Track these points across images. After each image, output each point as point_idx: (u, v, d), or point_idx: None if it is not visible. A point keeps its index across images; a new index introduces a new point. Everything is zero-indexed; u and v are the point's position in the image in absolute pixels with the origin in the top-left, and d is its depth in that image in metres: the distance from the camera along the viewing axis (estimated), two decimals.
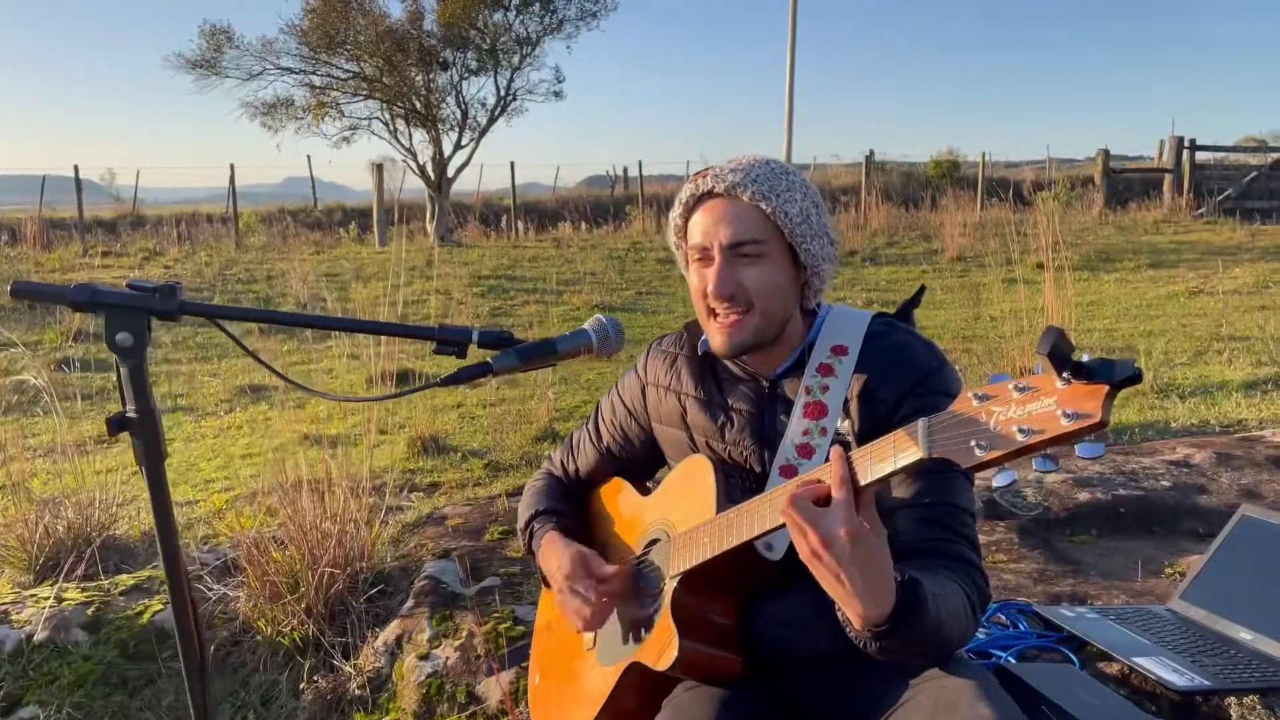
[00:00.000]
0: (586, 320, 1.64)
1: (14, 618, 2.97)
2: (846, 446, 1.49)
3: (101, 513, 3.82)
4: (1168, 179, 18.37)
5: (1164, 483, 3.54)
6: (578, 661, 1.82)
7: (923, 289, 1.82)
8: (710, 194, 1.60)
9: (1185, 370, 6.39)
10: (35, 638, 2.89)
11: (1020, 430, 1.10)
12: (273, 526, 3.35)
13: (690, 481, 1.67)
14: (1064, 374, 1.07)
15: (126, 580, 3.28)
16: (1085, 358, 1.07)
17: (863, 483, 1.27)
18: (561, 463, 2.02)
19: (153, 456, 1.54)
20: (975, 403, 1.17)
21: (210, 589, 3.12)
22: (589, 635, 1.80)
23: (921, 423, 1.22)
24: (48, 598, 3.08)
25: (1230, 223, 15.64)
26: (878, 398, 1.56)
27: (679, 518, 1.68)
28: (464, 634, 2.71)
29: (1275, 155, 18.66)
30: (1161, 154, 21.50)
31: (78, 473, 5.14)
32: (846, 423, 1.55)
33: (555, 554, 1.79)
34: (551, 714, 1.86)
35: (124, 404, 1.51)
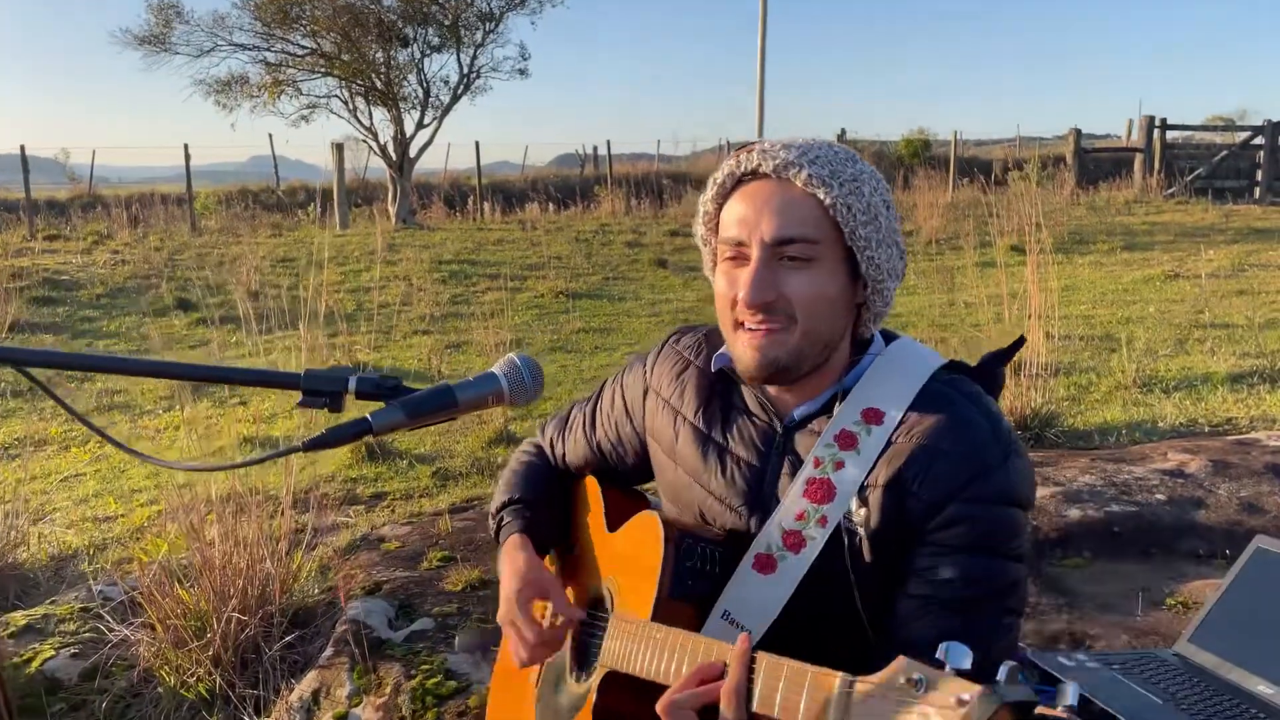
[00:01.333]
0: (497, 362, 1.31)
1: None
2: (855, 542, 1.20)
3: (1, 535, 3.46)
4: (1138, 158, 18.25)
5: (1159, 496, 3.29)
6: (522, 687, 1.56)
7: (1022, 340, 1.42)
8: (754, 174, 1.24)
9: (1168, 361, 6.18)
10: None
11: None
12: (184, 556, 3.01)
13: (639, 550, 1.34)
14: None
15: (19, 619, 2.94)
16: (1069, 699, 0.78)
17: (756, 709, 1.00)
18: (551, 441, 1.68)
19: None
20: (912, 689, 0.85)
21: (110, 630, 2.78)
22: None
23: (839, 680, 0.92)
24: None
25: (1202, 202, 15.54)
26: (910, 493, 1.19)
27: (623, 588, 1.39)
28: (388, 689, 2.40)
29: (1244, 134, 18.57)
30: (1130, 133, 21.44)
31: (2, 481, 4.78)
32: (863, 511, 1.20)
33: (510, 567, 1.49)
34: None
35: None
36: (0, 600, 3.20)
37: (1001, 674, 0.79)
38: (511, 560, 1.49)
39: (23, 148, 18.34)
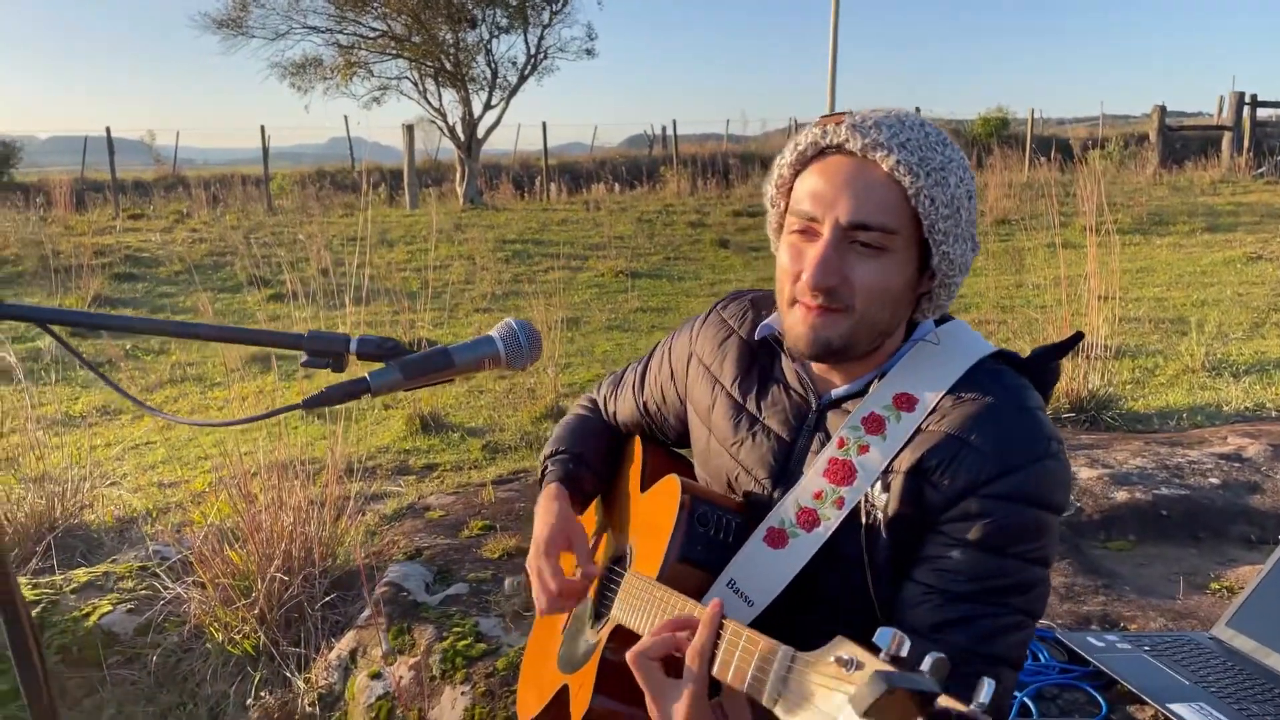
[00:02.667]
0: (495, 325, 1.35)
1: None
2: (874, 526, 1.19)
3: (68, 499, 3.63)
4: (1226, 137, 17.52)
5: (1212, 480, 3.19)
6: (551, 640, 1.61)
7: (1079, 336, 1.36)
8: (839, 149, 1.17)
9: (1240, 345, 5.95)
10: None
11: None
12: (234, 520, 3.13)
13: (659, 512, 1.36)
14: (926, 714, 0.76)
15: (81, 576, 3.08)
16: (982, 696, 0.75)
17: (716, 673, 1.01)
18: (605, 398, 1.71)
19: None
20: (842, 669, 0.85)
21: (165, 588, 2.91)
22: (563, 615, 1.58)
23: (781, 652, 0.93)
24: None
25: None
26: (932, 481, 1.16)
27: (639, 548, 1.42)
28: (420, 650, 2.47)
29: None
30: (1221, 110, 20.55)
31: (75, 448, 4.99)
32: (884, 496, 1.18)
33: (543, 515, 1.53)
34: (524, 676, 1.69)
35: None
36: (67, 558, 3.35)
37: (926, 664, 0.77)
38: (546, 509, 1.53)
39: (108, 129, 19.01)
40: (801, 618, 1.23)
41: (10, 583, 1.26)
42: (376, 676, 2.45)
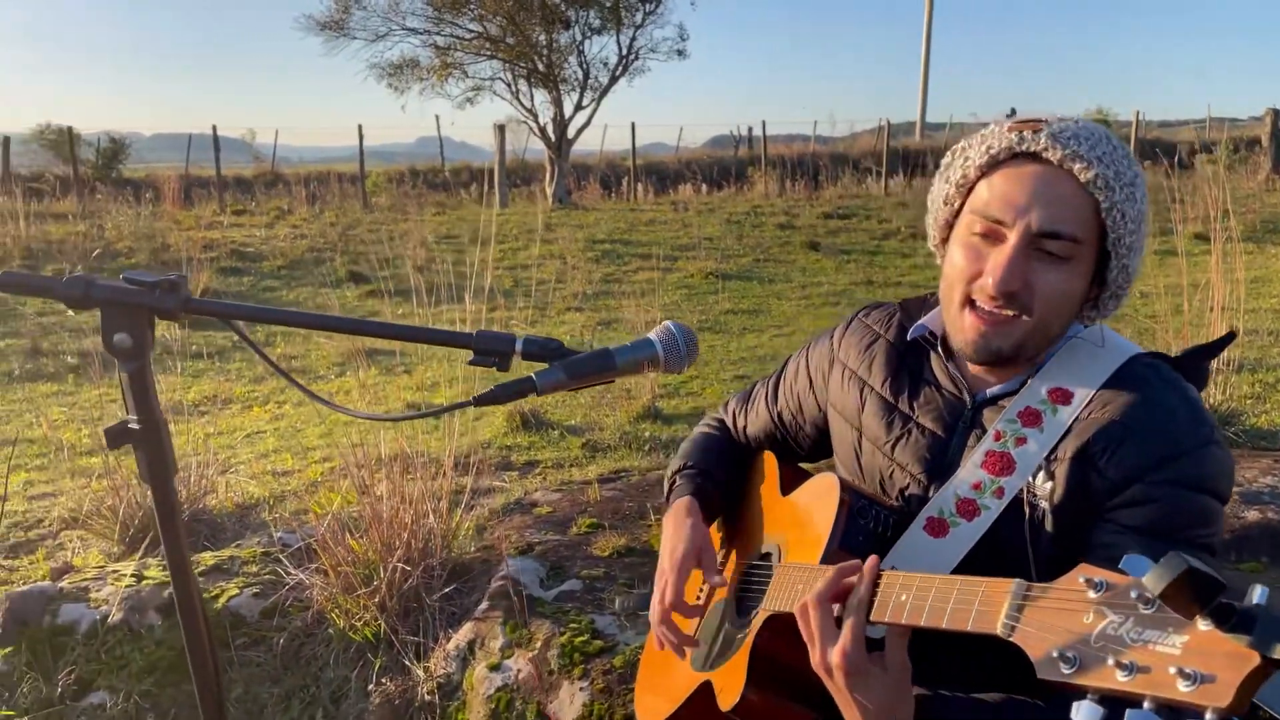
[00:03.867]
0: (654, 329, 1.36)
1: (92, 595, 2.93)
2: (1038, 514, 1.21)
3: (194, 484, 3.78)
4: None
5: None
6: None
7: (1232, 336, 1.39)
8: (1034, 157, 1.19)
9: None
10: (110, 619, 2.83)
11: (1122, 668, 0.77)
12: (355, 509, 3.22)
13: (814, 506, 1.40)
14: (1206, 611, 0.72)
15: (208, 559, 3.21)
16: (1255, 598, 0.71)
17: (875, 618, 1.04)
18: (734, 414, 1.74)
19: (158, 474, 1.33)
20: (1089, 590, 0.84)
21: (288, 573, 3.00)
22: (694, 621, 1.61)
23: (1015, 584, 0.92)
24: (128, 574, 3.03)
25: None
26: (1098, 467, 1.17)
27: (792, 541, 1.45)
28: (538, 645, 2.50)
29: None
30: None
31: (191, 435, 5.20)
32: (1048, 484, 1.20)
33: (673, 528, 1.57)
34: (643, 684, 1.72)
35: (127, 412, 1.30)
36: (193, 542, 3.49)
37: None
38: (678, 522, 1.57)
39: (214, 127, 19.70)
40: None
41: (183, 555, 1.33)
42: (495, 668, 2.50)
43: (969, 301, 1.23)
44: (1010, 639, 0.88)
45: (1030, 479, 1.21)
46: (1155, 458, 1.14)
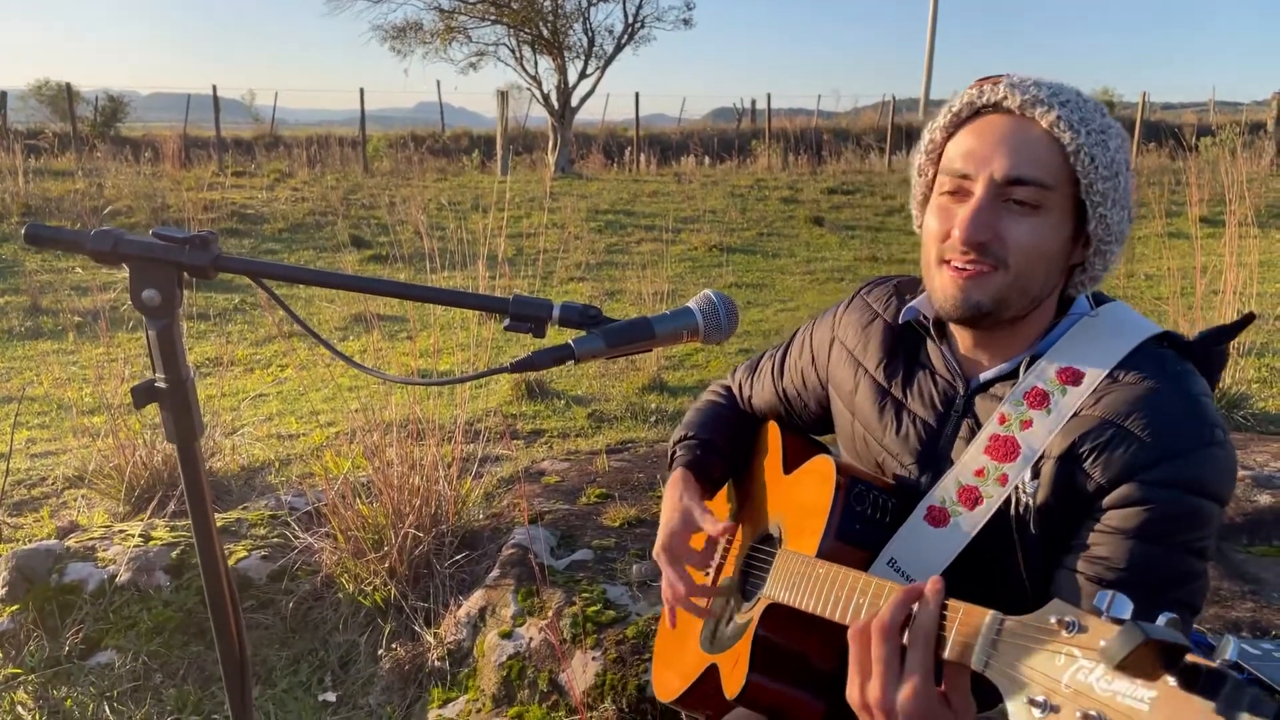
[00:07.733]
0: (693, 297, 1.33)
1: (99, 555, 2.91)
2: (1023, 512, 1.16)
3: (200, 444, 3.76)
4: None
5: None
6: (689, 621, 1.61)
7: (1251, 317, 1.29)
8: (995, 108, 1.16)
9: None
10: (118, 579, 2.82)
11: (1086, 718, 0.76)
12: (364, 474, 3.21)
13: (812, 492, 1.36)
14: (1174, 670, 0.71)
15: (216, 521, 3.19)
16: (1228, 654, 0.70)
17: (946, 655, 0.95)
18: (740, 384, 1.70)
19: (185, 434, 1.31)
20: (1062, 631, 0.82)
21: (297, 537, 2.99)
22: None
23: (990, 616, 0.89)
24: (136, 534, 3.01)
25: None
26: (1083, 469, 1.12)
27: (792, 525, 1.41)
28: (550, 613, 2.50)
29: None
30: None
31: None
32: (1034, 482, 1.15)
33: (668, 501, 1.55)
34: (659, 656, 1.70)
35: (153, 371, 1.28)
36: None
37: (1160, 619, 0.74)
38: (671, 495, 1.55)
39: (214, 88, 19.52)
40: (958, 597, 1.21)
41: (207, 516, 1.31)
42: (507, 636, 2.49)
43: (945, 261, 1.19)
44: (985, 674, 0.87)
45: (1023, 475, 1.17)
46: (1149, 458, 1.08)
